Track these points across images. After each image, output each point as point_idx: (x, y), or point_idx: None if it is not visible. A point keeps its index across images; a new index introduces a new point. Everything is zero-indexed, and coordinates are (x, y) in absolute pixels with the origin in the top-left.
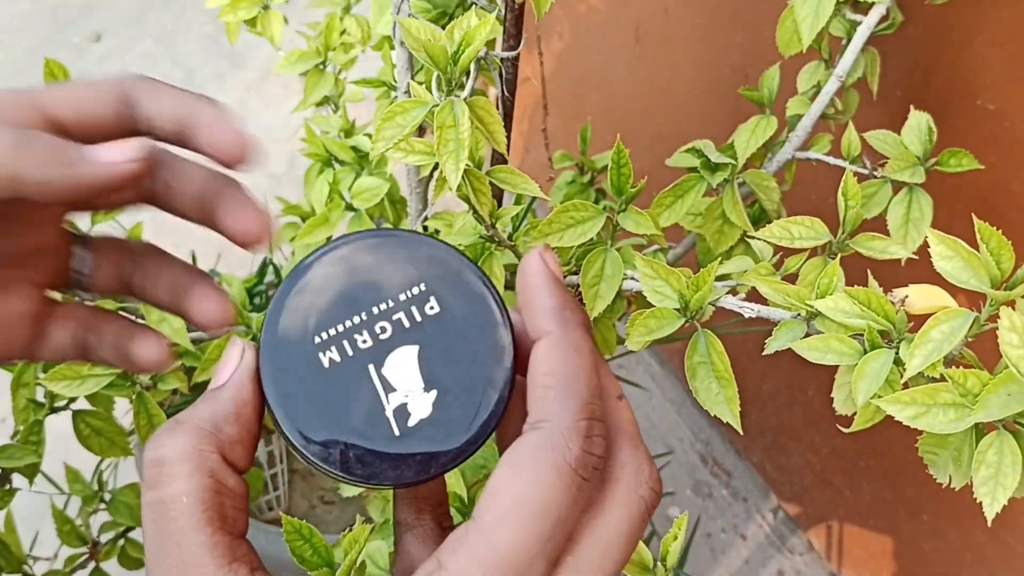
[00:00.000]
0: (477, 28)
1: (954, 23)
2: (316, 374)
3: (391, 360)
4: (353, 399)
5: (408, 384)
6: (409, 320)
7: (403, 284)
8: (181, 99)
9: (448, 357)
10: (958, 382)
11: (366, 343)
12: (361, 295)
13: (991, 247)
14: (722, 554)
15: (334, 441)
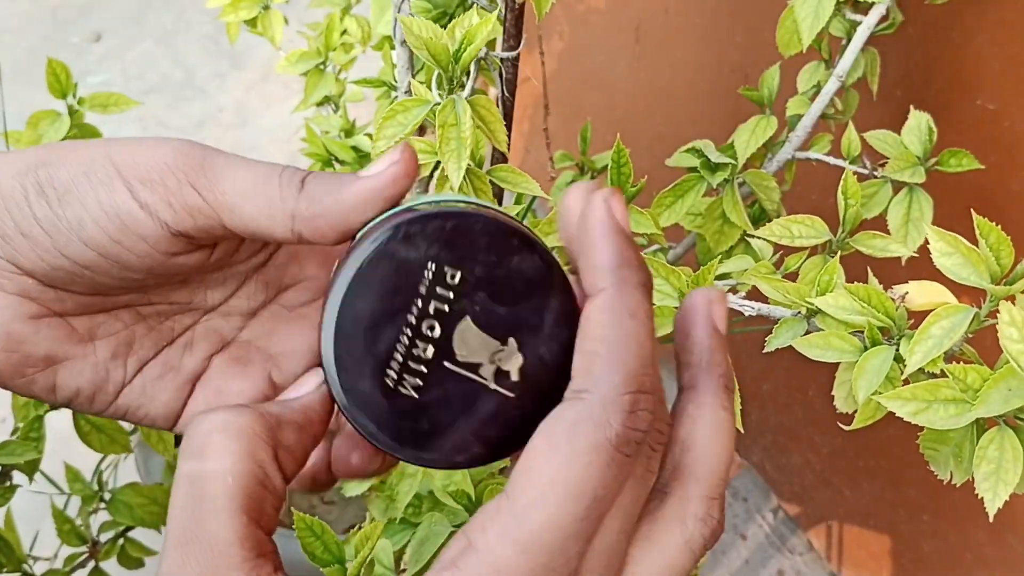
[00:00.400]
0: (478, 27)
1: (954, 23)
2: (399, 398)
3: (459, 345)
4: (451, 394)
5: (488, 350)
6: (451, 303)
7: (431, 266)
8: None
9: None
10: (959, 378)
11: (427, 347)
12: (403, 293)
13: (990, 243)
14: (722, 554)
15: (461, 444)
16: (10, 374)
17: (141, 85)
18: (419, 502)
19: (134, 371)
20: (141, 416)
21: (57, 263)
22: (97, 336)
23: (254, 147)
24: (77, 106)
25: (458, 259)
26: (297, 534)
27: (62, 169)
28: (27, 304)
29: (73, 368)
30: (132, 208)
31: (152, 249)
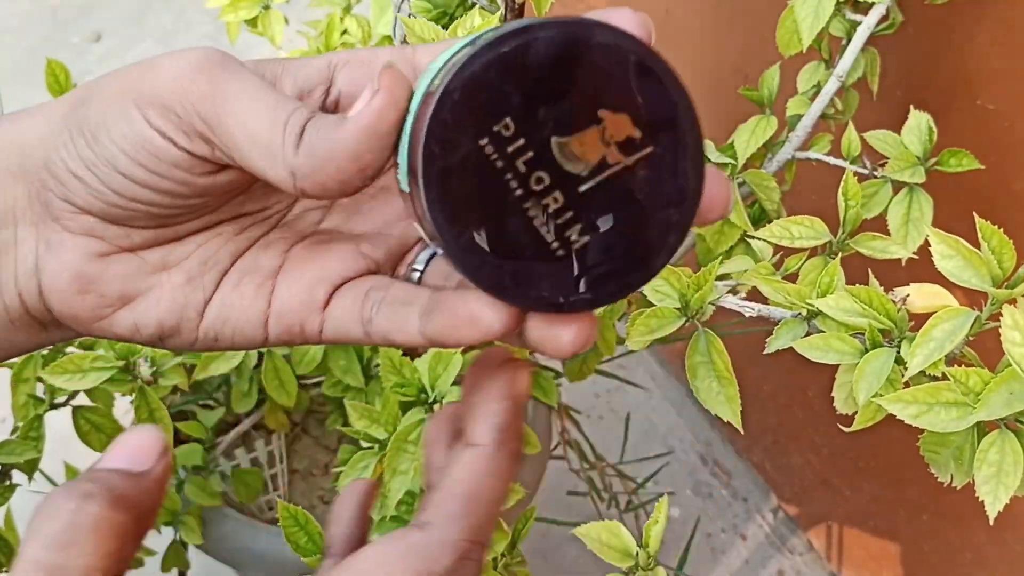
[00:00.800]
0: (481, 28)
1: (954, 23)
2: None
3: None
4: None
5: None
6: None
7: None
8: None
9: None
10: (960, 381)
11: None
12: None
13: (992, 246)
14: (722, 554)
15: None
16: (88, 317)
17: None
18: (411, 499)
19: (212, 287)
20: (230, 333)
21: (110, 199)
22: (170, 265)
23: None
24: None
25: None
26: (281, 523)
27: (92, 107)
28: (94, 242)
29: (150, 300)
30: (152, 136)
31: (188, 173)
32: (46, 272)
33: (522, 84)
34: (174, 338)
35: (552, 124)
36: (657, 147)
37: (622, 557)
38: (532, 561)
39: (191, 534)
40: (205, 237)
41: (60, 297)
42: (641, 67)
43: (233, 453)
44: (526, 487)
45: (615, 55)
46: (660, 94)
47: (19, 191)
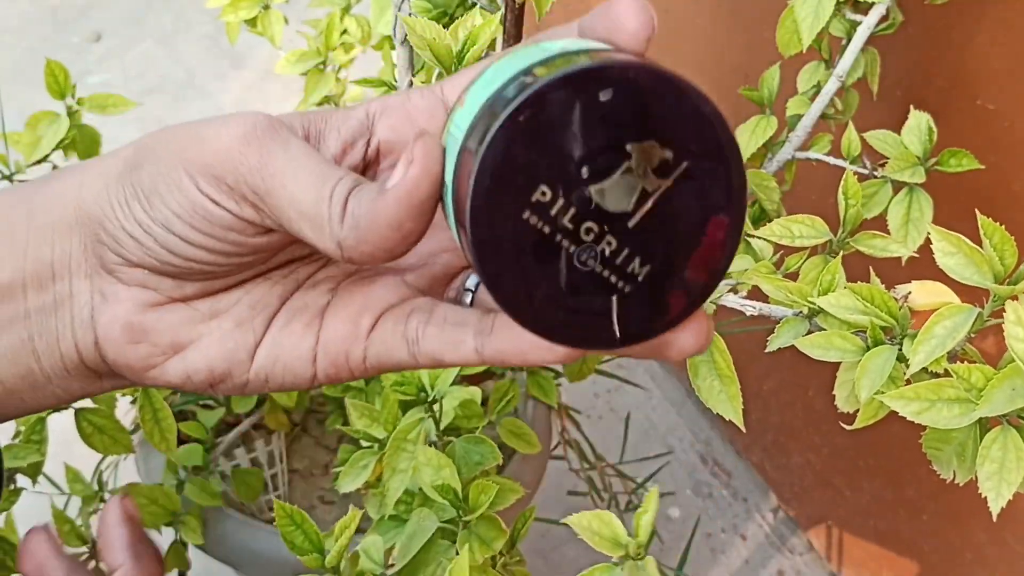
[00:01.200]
0: (482, 27)
1: (954, 23)
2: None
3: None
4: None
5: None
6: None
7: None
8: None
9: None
10: (962, 377)
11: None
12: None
13: (994, 243)
14: (722, 554)
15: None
16: (140, 366)
17: (141, 85)
18: (410, 499)
19: (262, 329)
20: (280, 373)
21: (164, 258)
22: (220, 312)
23: None
24: (76, 107)
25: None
26: (277, 523)
27: (145, 172)
28: (147, 294)
29: (200, 348)
30: (205, 203)
31: (241, 235)
32: (100, 322)
33: (546, 148)
34: (225, 383)
35: (586, 175)
36: (691, 160)
37: (613, 547)
38: (532, 561)
39: (191, 534)
40: (254, 284)
41: (114, 347)
42: (654, 88)
43: (233, 453)
44: (526, 487)
45: (623, 87)
46: (679, 109)
47: (75, 244)
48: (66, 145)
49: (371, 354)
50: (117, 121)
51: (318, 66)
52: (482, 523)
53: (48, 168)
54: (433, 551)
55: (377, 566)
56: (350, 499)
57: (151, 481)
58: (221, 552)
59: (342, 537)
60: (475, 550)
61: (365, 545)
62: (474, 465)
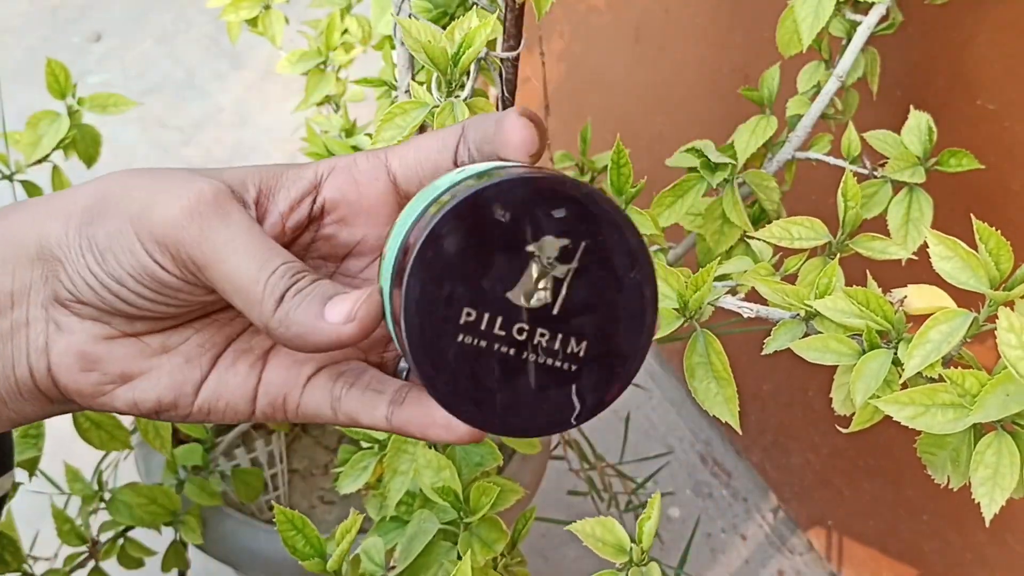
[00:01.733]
0: (478, 29)
1: (954, 23)
2: (468, 358)
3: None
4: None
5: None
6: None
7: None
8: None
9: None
10: (956, 382)
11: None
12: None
13: (990, 247)
14: (722, 554)
15: (517, 410)
16: (90, 392)
17: (141, 85)
18: (411, 500)
19: (209, 367)
20: (222, 408)
21: (116, 306)
22: (170, 348)
23: (254, 147)
24: (76, 106)
25: (551, 232)
26: (278, 528)
27: (100, 230)
28: (100, 327)
29: (150, 379)
30: (155, 269)
31: (190, 296)
32: (54, 350)
33: (457, 275)
34: (170, 412)
35: (500, 285)
36: (586, 238)
37: (616, 553)
38: (532, 561)
39: (191, 534)
40: (203, 323)
41: (66, 374)
42: (534, 192)
43: (233, 453)
44: (526, 487)
45: (507, 201)
46: (563, 202)
47: (35, 275)
48: (66, 145)
49: (303, 402)
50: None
51: (318, 66)
52: (483, 525)
53: (48, 168)
54: (434, 553)
55: (378, 568)
56: (350, 499)
57: (151, 481)
58: (221, 552)
59: (343, 542)
60: (476, 552)
61: (366, 547)
62: (474, 466)
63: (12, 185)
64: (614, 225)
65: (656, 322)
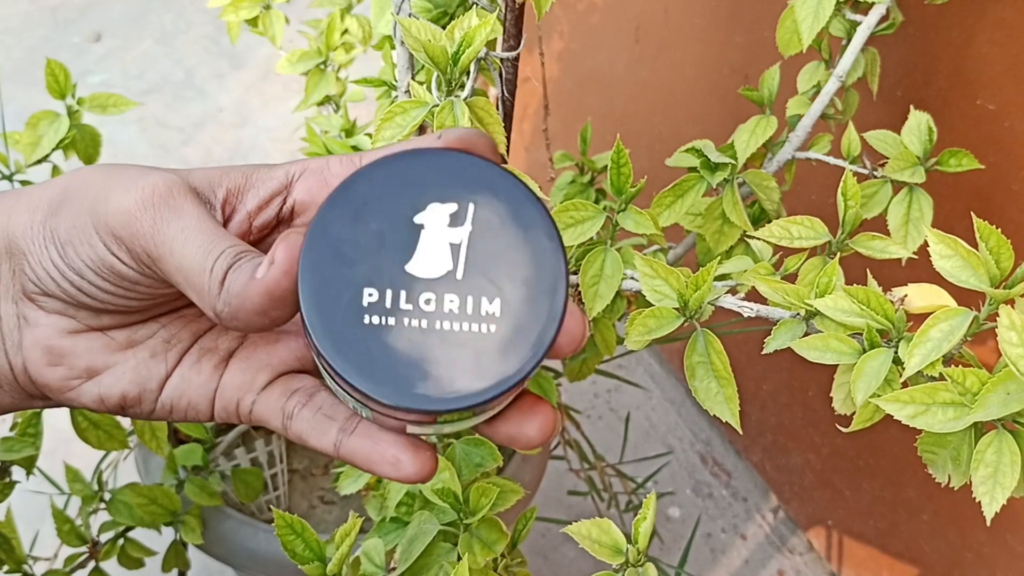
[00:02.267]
0: (477, 28)
1: (954, 23)
2: (378, 336)
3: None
4: (428, 333)
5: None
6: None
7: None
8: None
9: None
10: (957, 381)
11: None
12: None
13: (990, 246)
14: (722, 554)
15: (442, 383)
16: (57, 387)
17: (141, 85)
18: (411, 501)
19: (174, 363)
20: (184, 406)
21: (79, 299)
22: (136, 343)
23: (254, 147)
24: (76, 106)
25: (440, 196)
26: (277, 532)
27: (62, 222)
28: (65, 321)
29: (115, 374)
30: (112, 261)
31: (149, 288)
32: (24, 345)
33: (347, 260)
34: (134, 408)
35: (395, 260)
36: (474, 198)
37: (612, 554)
38: (532, 561)
39: (191, 534)
40: (169, 318)
41: (35, 367)
42: (405, 166)
43: (233, 453)
44: (526, 488)
45: (384, 177)
46: (439, 169)
47: (4, 268)
48: (66, 145)
49: (256, 409)
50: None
51: (318, 66)
52: (483, 526)
53: (48, 168)
54: (435, 554)
55: (379, 569)
56: (350, 500)
57: (151, 481)
58: (221, 552)
59: (343, 545)
60: (477, 553)
61: (366, 548)
62: (474, 467)
63: (12, 185)
64: (501, 184)
65: (567, 268)
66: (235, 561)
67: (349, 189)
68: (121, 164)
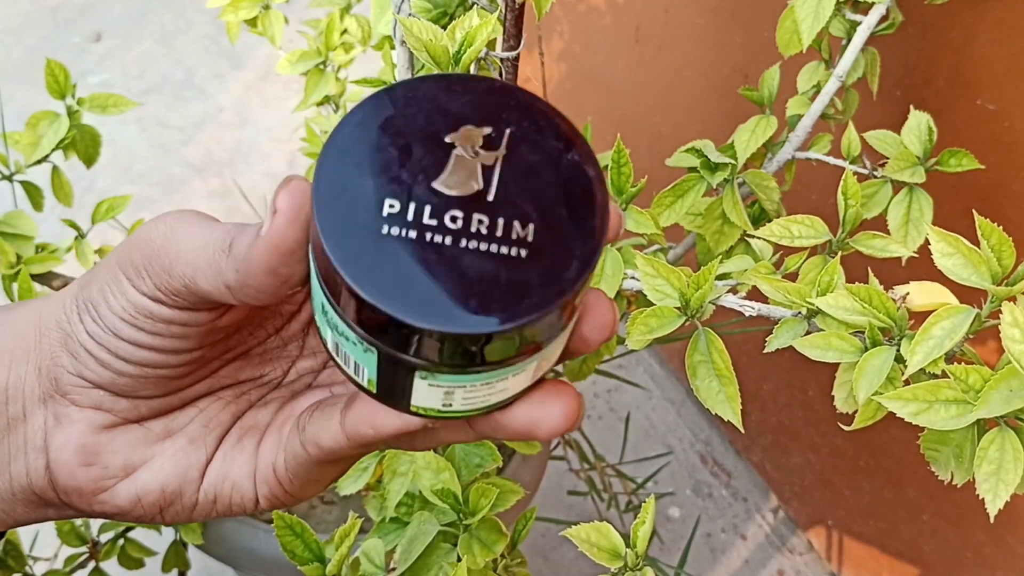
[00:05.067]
0: (479, 28)
1: (954, 23)
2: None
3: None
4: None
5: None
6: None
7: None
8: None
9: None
10: (960, 378)
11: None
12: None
13: (992, 243)
14: (722, 554)
15: (472, 307)
16: (91, 489)
17: (141, 85)
18: (411, 501)
19: (214, 446)
20: (228, 490)
21: (119, 368)
22: (173, 431)
23: (254, 147)
24: (76, 107)
25: (473, 120)
26: (276, 533)
27: (92, 287)
28: (101, 415)
29: (153, 468)
30: (141, 300)
31: (181, 327)
32: (52, 445)
33: (370, 169)
34: (174, 505)
35: (422, 176)
36: (511, 123)
37: (611, 558)
38: (532, 561)
39: (191, 534)
40: (206, 402)
41: (65, 469)
42: (445, 87)
43: None
44: (526, 488)
45: (418, 94)
46: (477, 93)
47: (29, 369)
48: (66, 145)
49: (287, 457)
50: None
51: (318, 66)
52: (483, 526)
53: (48, 168)
54: (435, 555)
55: (378, 570)
56: (350, 500)
57: None
58: (221, 552)
59: (342, 546)
60: (476, 554)
61: (366, 548)
62: (474, 467)
63: (12, 185)
64: (539, 112)
65: (608, 200)
66: (235, 561)
67: (377, 101)
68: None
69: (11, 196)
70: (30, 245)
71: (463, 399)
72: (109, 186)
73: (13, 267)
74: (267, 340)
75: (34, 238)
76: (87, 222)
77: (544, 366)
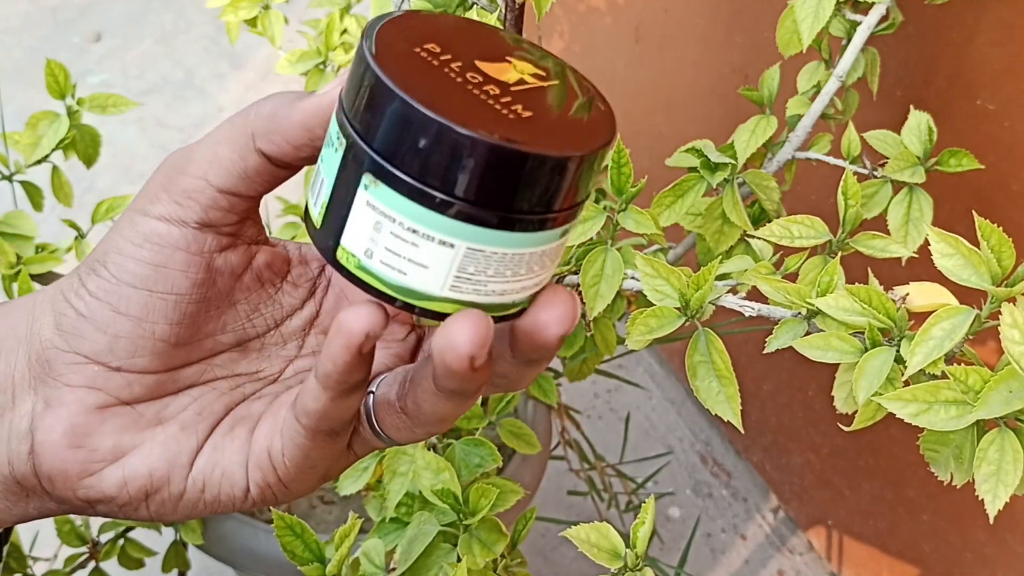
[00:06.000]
0: None
1: (954, 23)
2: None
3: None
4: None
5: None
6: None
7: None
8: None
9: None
10: (959, 379)
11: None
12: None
13: (992, 244)
14: (722, 554)
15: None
16: (77, 472)
17: (141, 85)
18: (411, 501)
19: (206, 433)
20: (218, 478)
21: (116, 328)
22: (165, 419)
23: None
24: (76, 107)
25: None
26: (276, 533)
27: (98, 249)
28: (93, 394)
29: (142, 452)
30: (153, 226)
31: (189, 254)
32: (40, 428)
33: (427, 31)
34: (161, 492)
35: (475, 53)
36: (560, 79)
37: (611, 558)
38: (532, 561)
39: (191, 534)
40: (200, 391)
41: (52, 451)
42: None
43: None
44: (526, 488)
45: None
46: (543, 57)
47: (20, 358)
48: (66, 145)
49: (284, 439)
50: (117, 121)
51: (318, 66)
52: (483, 526)
53: (48, 168)
54: (435, 555)
55: (378, 570)
56: (350, 500)
57: None
58: (221, 552)
59: (342, 546)
60: (476, 554)
61: (366, 548)
62: (474, 468)
63: (12, 185)
64: (586, 89)
65: (615, 129)
66: (235, 561)
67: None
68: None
69: (11, 196)
70: (30, 245)
71: (479, 279)
72: (109, 186)
73: (13, 267)
74: (267, 335)
75: (34, 238)
76: (87, 222)
77: (544, 276)
